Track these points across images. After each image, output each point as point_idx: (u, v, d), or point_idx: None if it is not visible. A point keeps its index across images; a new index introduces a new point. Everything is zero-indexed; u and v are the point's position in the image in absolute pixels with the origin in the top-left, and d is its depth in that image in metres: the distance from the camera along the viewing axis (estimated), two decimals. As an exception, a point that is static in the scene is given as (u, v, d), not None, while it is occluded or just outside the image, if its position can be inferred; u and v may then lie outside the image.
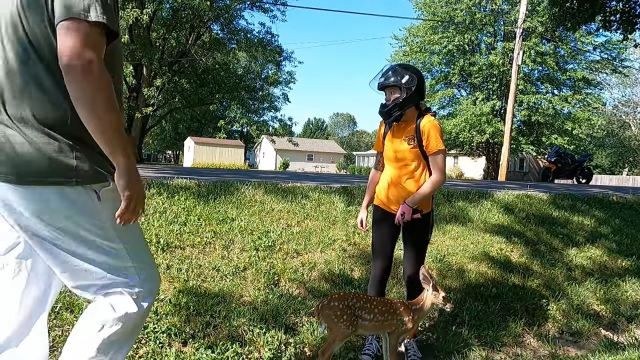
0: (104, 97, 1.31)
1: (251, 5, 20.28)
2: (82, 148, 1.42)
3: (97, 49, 1.32)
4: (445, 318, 3.67)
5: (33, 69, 1.38)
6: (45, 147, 1.38)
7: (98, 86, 1.30)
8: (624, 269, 5.12)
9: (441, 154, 2.78)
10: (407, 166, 2.86)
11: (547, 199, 6.81)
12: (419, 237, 2.95)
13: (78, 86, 1.30)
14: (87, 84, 1.29)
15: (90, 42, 1.31)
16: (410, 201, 2.78)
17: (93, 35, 1.32)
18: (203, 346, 2.71)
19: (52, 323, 2.60)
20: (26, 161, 1.37)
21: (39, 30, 1.36)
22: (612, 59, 26.19)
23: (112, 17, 1.36)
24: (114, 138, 1.35)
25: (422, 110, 2.88)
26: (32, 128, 1.38)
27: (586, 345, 3.79)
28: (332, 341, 2.58)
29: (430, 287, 2.72)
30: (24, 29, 1.38)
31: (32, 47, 1.38)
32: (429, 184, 2.79)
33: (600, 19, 10.42)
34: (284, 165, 42.98)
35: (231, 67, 24.74)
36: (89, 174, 1.42)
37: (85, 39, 1.30)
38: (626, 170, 43.78)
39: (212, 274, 3.46)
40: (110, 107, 1.33)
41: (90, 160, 1.43)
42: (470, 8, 24.94)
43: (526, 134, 26.73)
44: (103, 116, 1.32)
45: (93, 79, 1.29)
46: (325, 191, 5.52)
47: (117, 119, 1.35)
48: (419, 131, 2.79)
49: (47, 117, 1.39)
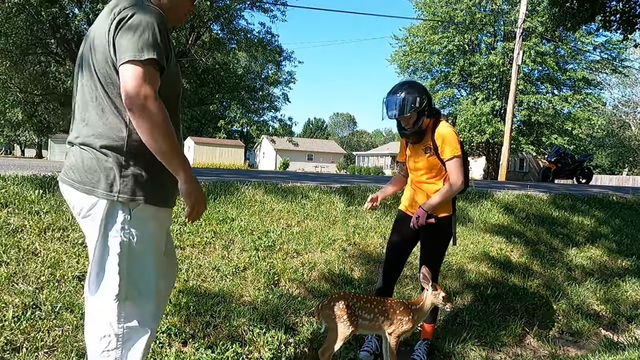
0: (160, 127, 1.59)
1: (251, 5, 20.25)
2: (131, 170, 1.69)
3: (152, 83, 1.58)
4: (445, 318, 3.67)
5: (99, 101, 1.68)
6: (101, 165, 1.67)
7: (155, 119, 1.57)
8: (624, 269, 5.12)
9: (457, 158, 2.83)
10: (427, 174, 2.93)
11: (547, 199, 6.81)
12: (435, 241, 2.99)
13: (139, 120, 1.57)
14: (146, 118, 1.57)
15: (145, 79, 1.56)
16: (425, 205, 2.84)
17: (147, 73, 1.57)
18: (203, 346, 2.71)
19: (52, 323, 2.60)
20: (86, 173, 1.70)
21: (103, 69, 1.65)
22: (612, 59, 26.20)
23: (161, 52, 1.61)
24: (172, 158, 1.65)
25: (435, 117, 2.92)
26: (97, 149, 1.69)
27: (586, 345, 3.79)
28: (332, 341, 2.58)
29: (430, 287, 2.73)
30: (93, 67, 1.67)
31: (99, 83, 1.67)
32: (444, 189, 2.85)
33: (600, 19, 10.41)
34: (284, 165, 42.97)
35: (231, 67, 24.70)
36: (128, 193, 1.69)
37: (141, 77, 1.56)
38: (626, 170, 43.79)
39: (212, 274, 3.46)
40: (165, 134, 1.60)
41: (134, 181, 1.70)
42: (470, 8, 24.93)
43: (526, 134, 26.73)
44: (162, 142, 1.60)
45: (150, 114, 1.56)
46: (325, 191, 5.52)
47: (172, 142, 1.63)
48: (435, 140, 2.86)
49: (107, 141, 1.67)
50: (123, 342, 1.78)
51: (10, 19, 15.51)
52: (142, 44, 1.57)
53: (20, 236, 3.23)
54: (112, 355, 1.78)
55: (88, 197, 1.70)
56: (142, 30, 1.59)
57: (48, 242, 3.25)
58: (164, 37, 1.64)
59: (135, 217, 1.72)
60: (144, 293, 1.81)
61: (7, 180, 3.96)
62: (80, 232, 3.45)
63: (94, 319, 1.81)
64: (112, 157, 1.68)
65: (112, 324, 1.76)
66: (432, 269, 2.90)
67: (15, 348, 2.41)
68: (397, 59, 28.45)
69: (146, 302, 1.83)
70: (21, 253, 3.06)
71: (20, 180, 4.00)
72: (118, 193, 1.68)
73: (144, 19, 1.60)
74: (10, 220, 3.37)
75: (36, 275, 2.91)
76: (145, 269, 1.80)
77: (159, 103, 1.59)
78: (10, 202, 3.56)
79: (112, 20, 1.62)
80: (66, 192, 1.78)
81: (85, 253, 3.22)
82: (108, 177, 1.68)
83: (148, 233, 1.77)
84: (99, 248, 1.73)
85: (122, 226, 1.71)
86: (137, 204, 1.71)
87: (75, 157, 1.72)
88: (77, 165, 1.72)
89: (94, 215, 1.71)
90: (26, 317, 2.56)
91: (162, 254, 1.90)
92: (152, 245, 1.80)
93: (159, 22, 1.63)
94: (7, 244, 3.09)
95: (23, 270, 2.92)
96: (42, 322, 2.58)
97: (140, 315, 1.81)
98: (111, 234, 1.71)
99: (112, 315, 1.76)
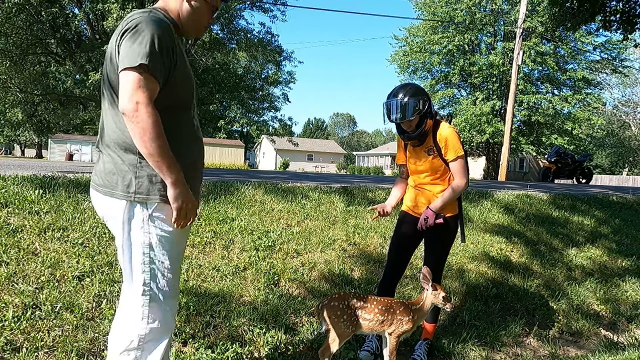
0: (149, 132, 1.63)
1: (251, 5, 20.27)
2: (146, 171, 1.76)
3: (145, 90, 1.63)
4: (445, 318, 3.67)
5: (115, 108, 1.75)
6: (118, 167, 1.77)
7: (144, 124, 1.62)
8: (624, 269, 5.12)
9: (460, 159, 2.84)
10: (430, 175, 2.94)
11: (547, 199, 6.81)
12: (441, 241, 2.99)
13: (130, 124, 1.64)
14: (136, 123, 1.62)
15: (139, 86, 1.62)
16: (433, 206, 2.84)
17: (141, 79, 1.63)
18: (203, 346, 2.71)
19: (52, 323, 2.60)
20: (106, 176, 1.79)
21: (115, 79, 1.73)
22: (612, 59, 26.17)
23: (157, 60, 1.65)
24: (161, 161, 1.68)
25: (436, 119, 2.93)
26: (114, 153, 1.78)
27: (586, 345, 3.79)
28: (332, 341, 2.58)
29: (429, 287, 2.73)
30: (109, 78, 1.77)
31: (114, 92, 1.75)
32: (450, 189, 2.85)
33: (600, 19, 10.41)
34: (284, 165, 42.97)
35: (231, 67, 24.70)
36: (144, 193, 1.76)
37: (135, 83, 1.62)
38: (626, 170, 43.80)
39: (212, 274, 3.46)
40: (154, 138, 1.64)
41: (149, 181, 1.77)
42: (470, 8, 24.92)
43: (526, 134, 26.72)
44: (150, 146, 1.65)
45: (140, 119, 1.62)
46: (325, 191, 5.52)
47: (160, 145, 1.66)
48: (437, 141, 2.86)
49: (122, 145, 1.76)
50: (144, 343, 1.84)
51: (10, 19, 15.52)
52: (138, 52, 1.63)
53: (20, 236, 3.23)
54: (132, 355, 1.83)
55: (109, 200, 1.79)
56: (142, 39, 1.64)
57: (48, 242, 3.25)
58: (165, 45, 1.68)
59: (153, 217, 1.79)
60: (166, 293, 1.87)
61: (7, 180, 3.96)
62: (80, 232, 3.45)
63: (120, 318, 1.88)
64: (127, 160, 1.76)
65: (137, 324, 1.83)
66: (437, 268, 2.91)
67: (15, 348, 2.41)
68: (397, 59, 28.43)
69: (167, 303, 1.89)
70: (21, 253, 3.06)
71: (20, 180, 4.00)
72: (134, 194, 1.76)
73: (145, 28, 1.66)
74: (10, 220, 3.37)
75: (36, 275, 2.91)
76: (166, 269, 1.86)
77: (151, 109, 1.64)
78: (10, 202, 3.56)
79: (119, 30, 1.71)
80: (93, 196, 1.88)
81: (85, 253, 3.23)
82: (125, 179, 1.76)
83: (167, 232, 1.82)
84: (125, 249, 1.81)
85: (142, 225, 1.78)
86: (154, 203, 1.78)
87: (99, 162, 1.84)
88: (99, 169, 1.83)
89: (116, 217, 1.80)
90: (26, 317, 2.56)
91: (181, 255, 1.96)
92: (171, 245, 1.85)
93: (160, 31, 1.68)
94: (7, 244, 3.09)
95: (23, 270, 2.92)
96: (42, 322, 2.58)
97: (162, 316, 1.87)
98: (132, 234, 1.79)
99: (137, 315, 1.83)
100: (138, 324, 1.83)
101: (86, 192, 4.04)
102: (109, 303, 2.86)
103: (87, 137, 36.95)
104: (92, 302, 2.83)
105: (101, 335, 2.62)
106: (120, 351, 1.84)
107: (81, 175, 4.62)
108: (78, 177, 4.42)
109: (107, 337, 2.58)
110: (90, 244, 3.36)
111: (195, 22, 1.91)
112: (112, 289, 2.96)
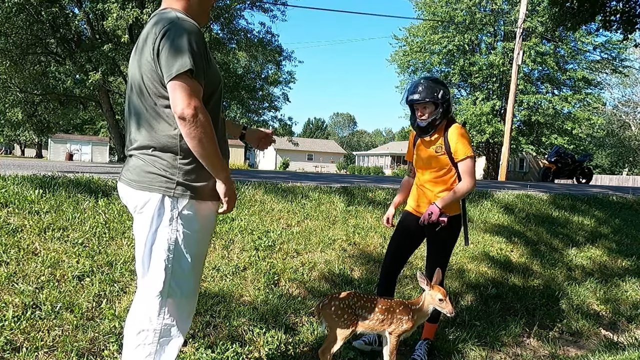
0: (207, 135, 1.75)
1: (251, 5, 20.26)
2: (181, 169, 1.83)
3: (196, 93, 1.74)
4: (445, 318, 3.67)
5: (151, 112, 1.84)
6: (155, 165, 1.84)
7: (203, 128, 1.74)
8: (624, 269, 5.12)
9: (469, 159, 2.84)
10: (437, 173, 2.93)
11: (547, 199, 6.80)
12: (444, 240, 2.98)
13: (189, 130, 1.73)
14: (196, 127, 1.73)
15: (191, 91, 1.72)
16: (440, 202, 2.83)
17: (191, 86, 1.72)
18: (203, 346, 2.71)
19: (52, 323, 2.60)
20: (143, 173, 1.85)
21: (152, 86, 1.80)
22: (612, 59, 26.19)
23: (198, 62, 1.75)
24: (215, 161, 1.83)
25: (449, 121, 2.94)
26: (151, 151, 1.85)
27: (586, 345, 3.79)
28: (333, 341, 2.58)
29: (428, 288, 2.72)
30: (144, 84, 1.82)
31: (150, 97, 1.82)
32: (458, 188, 2.85)
33: (600, 18, 10.41)
34: (284, 165, 42.97)
35: (231, 67, 24.68)
36: (179, 190, 1.84)
37: (188, 91, 1.71)
38: (626, 170, 43.80)
39: (212, 273, 3.46)
40: (210, 140, 1.77)
41: (184, 179, 1.84)
42: (470, 8, 24.93)
43: (526, 134, 26.72)
44: (208, 147, 1.78)
45: (200, 123, 1.73)
46: (325, 191, 5.52)
47: (215, 147, 1.81)
48: (448, 140, 2.87)
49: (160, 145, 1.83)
50: (159, 338, 1.87)
51: (10, 18, 15.51)
52: (182, 60, 1.71)
53: (20, 236, 3.23)
54: (147, 349, 1.86)
55: (143, 194, 1.84)
56: (182, 47, 1.72)
57: (48, 242, 3.25)
58: (199, 48, 1.77)
59: (183, 214, 1.85)
60: (184, 292, 1.90)
61: (7, 180, 3.96)
62: (80, 232, 3.45)
63: (136, 313, 1.90)
64: (165, 159, 1.83)
65: (152, 319, 1.86)
66: (440, 266, 2.89)
67: (15, 348, 2.41)
68: (397, 59, 28.44)
69: (185, 301, 1.92)
70: (21, 253, 3.06)
71: (20, 180, 4.00)
72: (172, 189, 1.83)
73: (181, 35, 1.74)
74: (10, 220, 3.37)
75: (36, 275, 2.91)
76: (188, 267, 1.89)
77: (206, 113, 1.75)
78: (10, 202, 3.55)
79: (154, 39, 1.77)
80: (123, 190, 1.94)
81: (85, 253, 3.22)
82: (161, 176, 1.83)
83: (193, 231, 1.87)
84: (147, 243, 1.84)
85: (170, 222, 1.84)
86: (185, 200, 1.85)
87: (133, 161, 1.90)
88: (134, 167, 1.88)
89: (147, 211, 1.84)
90: (26, 317, 2.56)
91: (203, 257, 2.01)
92: (195, 244, 1.89)
93: (194, 35, 1.77)
94: (7, 243, 3.09)
95: (23, 270, 2.92)
96: (42, 322, 2.58)
97: (178, 314, 1.90)
98: (160, 229, 1.84)
99: (154, 310, 1.85)
100: (154, 319, 1.85)
101: (86, 192, 4.04)
102: (109, 303, 2.86)
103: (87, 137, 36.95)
104: (92, 302, 2.83)
105: (101, 335, 2.61)
106: (135, 345, 1.86)
107: (81, 175, 4.62)
108: (78, 177, 4.42)
109: (107, 336, 2.60)
110: (90, 244, 3.36)
111: (203, 7, 1.96)
112: (112, 289, 2.96)
